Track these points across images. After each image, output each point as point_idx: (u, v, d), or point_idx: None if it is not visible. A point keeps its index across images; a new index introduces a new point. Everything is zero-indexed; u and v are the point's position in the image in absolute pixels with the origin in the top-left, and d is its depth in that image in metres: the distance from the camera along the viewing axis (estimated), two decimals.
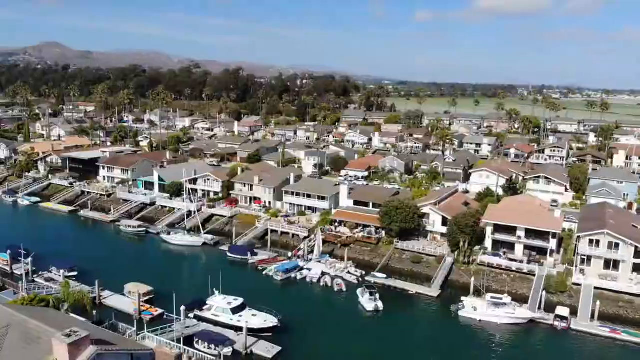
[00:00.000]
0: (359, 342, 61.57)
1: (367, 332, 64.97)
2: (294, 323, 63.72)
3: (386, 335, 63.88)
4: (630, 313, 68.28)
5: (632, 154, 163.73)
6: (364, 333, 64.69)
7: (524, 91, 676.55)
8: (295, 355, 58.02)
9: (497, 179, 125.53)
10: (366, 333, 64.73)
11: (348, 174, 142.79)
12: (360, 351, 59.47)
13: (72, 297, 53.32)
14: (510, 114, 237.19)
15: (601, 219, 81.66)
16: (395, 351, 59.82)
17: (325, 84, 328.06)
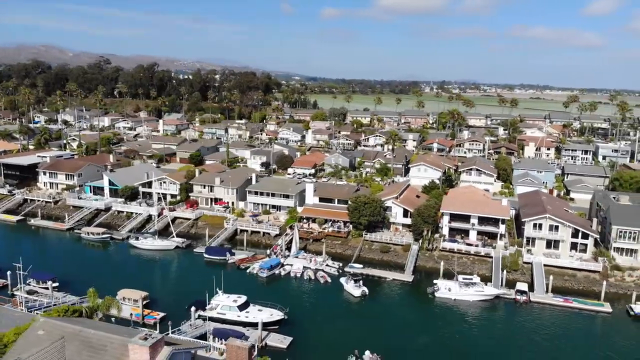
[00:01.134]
0: (357, 324, 67.87)
1: (361, 315, 71.41)
2: (295, 315, 68.19)
3: (377, 316, 70.91)
4: (575, 284, 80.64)
5: (541, 145, 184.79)
6: (358, 316, 71.11)
7: (426, 87, 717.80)
8: (307, 343, 62.72)
9: (434, 172, 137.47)
10: (361, 316, 71.17)
11: (295, 172, 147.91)
12: (361, 332, 65.54)
13: (103, 305, 53.69)
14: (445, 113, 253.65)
15: (541, 205, 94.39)
16: (390, 329, 66.60)
17: (247, 80, 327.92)
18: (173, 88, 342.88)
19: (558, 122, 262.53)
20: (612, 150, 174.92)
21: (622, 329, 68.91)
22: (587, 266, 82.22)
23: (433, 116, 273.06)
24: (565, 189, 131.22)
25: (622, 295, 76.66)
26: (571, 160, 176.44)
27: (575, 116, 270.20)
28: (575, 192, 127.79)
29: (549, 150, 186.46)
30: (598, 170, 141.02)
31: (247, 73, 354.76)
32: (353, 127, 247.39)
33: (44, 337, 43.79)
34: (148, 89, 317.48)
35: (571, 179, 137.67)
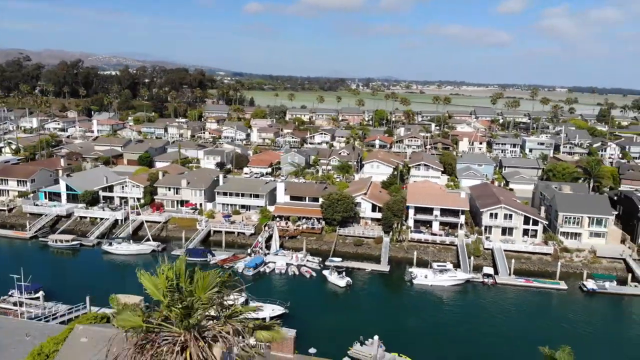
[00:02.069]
0: (351, 313, 73.17)
1: (351, 304, 76.81)
2: (291, 308, 71.83)
3: (366, 304, 76.99)
4: (531, 266, 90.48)
5: (475, 140, 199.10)
6: (349, 305, 76.40)
7: (352, 84, 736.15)
8: (310, 334, 66.50)
9: (386, 168, 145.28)
10: (351, 304, 76.55)
11: (252, 171, 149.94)
12: (356, 319, 70.58)
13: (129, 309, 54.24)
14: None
15: (494, 196, 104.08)
16: (381, 315, 72.20)
17: (179, 77, 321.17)
18: (100, 85, 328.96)
19: (483, 117, 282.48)
20: (537, 143, 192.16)
21: (577, 303, 79.06)
22: (540, 249, 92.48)
23: (368, 113, 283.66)
24: (504, 180, 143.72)
25: (573, 274, 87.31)
26: (501, 153, 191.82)
27: (498, 111, 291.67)
28: (513, 183, 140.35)
29: (481, 144, 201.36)
30: (532, 162, 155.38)
31: (179, 69, 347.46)
32: (295, 124, 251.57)
33: (89, 344, 44.87)
34: (73, 87, 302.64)
35: (508, 171, 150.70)
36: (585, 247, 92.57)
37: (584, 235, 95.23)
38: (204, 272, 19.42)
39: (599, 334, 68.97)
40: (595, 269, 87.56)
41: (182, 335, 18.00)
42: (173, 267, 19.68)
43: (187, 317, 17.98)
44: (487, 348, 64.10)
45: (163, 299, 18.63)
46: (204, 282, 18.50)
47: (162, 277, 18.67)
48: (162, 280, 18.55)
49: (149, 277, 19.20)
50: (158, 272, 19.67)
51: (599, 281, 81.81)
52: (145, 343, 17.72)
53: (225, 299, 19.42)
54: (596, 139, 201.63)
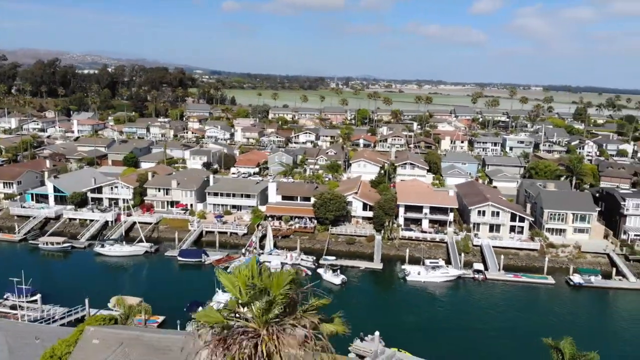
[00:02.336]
0: (348, 310, 72.98)
1: (348, 301, 77.49)
2: None
3: (362, 301, 78.44)
4: (519, 262, 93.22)
5: (457, 139, 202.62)
6: (346, 302, 76.80)
7: (332, 83, 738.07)
8: None
9: (373, 167, 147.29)
10: (348, 302, 77.15)
11: (239, 171, 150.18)
12: (353, 315, 70.62)
13: (134, 311, 54.42)
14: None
15: (481, 194, 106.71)
16: (377, 312, 73.81)
17: (159, 76, 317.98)
18: (77, 85, 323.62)
19: (463, 116, 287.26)
20: (517, 141, 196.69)
21: (565, 297, 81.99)
22: (527, 245, 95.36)
23: (351, 112, 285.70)
24: (488, 178, 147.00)
25: (559, 269, 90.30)
26: (483, 151, 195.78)
27: (477, 110, 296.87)
28: (496, 181, 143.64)
29: (463, 143, 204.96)
30: (514, 160, 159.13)
31: (159, 68, 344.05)
32: (278, 124, 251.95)
33: (101, 346, 45.50)
34: (51, 87, 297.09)
35: (491, 169, 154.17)
36: (570, 242, 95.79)
37: (569, 231, 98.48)
38: (278, 271, 20.42)
39: (587, 327, 71.69)
40: (580, 263, 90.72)
41: (259, 329, 18.97)
42: (249, 266, 20.55)
43: (267, 312, 18.98)
44: (481, 341, 66.21)
45: (240, 296, 19.52)
46: (279, 280, 19.50)
47: (241, 276, 19.58)
48: (240, 278, 19.45)
49: (226, 276, 20.14)
50: (234, 271, 20.54)
51: (584, 275, 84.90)
52: (224, 338, 18.58)
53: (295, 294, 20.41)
54: (574, 137, 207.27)
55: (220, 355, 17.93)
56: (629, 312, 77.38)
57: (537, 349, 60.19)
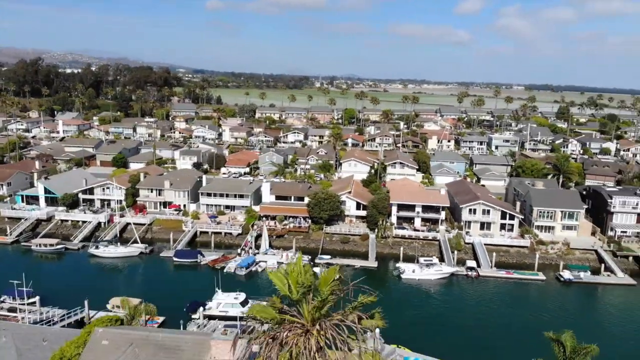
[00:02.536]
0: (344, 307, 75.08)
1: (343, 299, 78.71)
2: None
3: None
4: (510, 259, 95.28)
5: (444, 139, 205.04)
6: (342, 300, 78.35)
7: (317, 82, 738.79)
8: None
9: (364, 166, 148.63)
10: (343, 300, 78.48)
11: (230, 171, 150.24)
12: None
13: (139, 312, 54.59)
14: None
15: (472, 193, 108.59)
16: (373, 309, 74.75)
17: (144, 75, 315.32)
18: (61, 84, 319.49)
19: (448, 115, 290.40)
20: (503, 140, 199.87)
21: (556, 292, 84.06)
22: (517, 243, 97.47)
23: (337, 112, 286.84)
24: (476, 177, 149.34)
25: (549, 265, 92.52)
26: (469, 150, 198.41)
27: (462, 110, 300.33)
28: (484, 179, 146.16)
29: (450, 142, 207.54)
30: (501, 159, 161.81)
31: (144, 68, 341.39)
32: (266, 123, 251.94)
33: (111, 346, 45.95)
34: (34, 86, 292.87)
35: (479, 168, 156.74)
36: (559, 239, 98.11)
37: (557, 229, 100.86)
38: (326, 269, 21.26)
39: (578, 321, 73.55)
40: (569, 260, 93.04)
41: (307, 325, 19.78)
42: (297, 265, 21.33)
43: (320, 309, 19.82)
44: (477, 336, 67.74)
45: (290, 294, 20.33)
46: (327, 278, 20.33)
47: (292, 275, 20.37)
48: (292, 277, 20.25)
49: (277, 275, 20.91)
50: (289, 271, 21.28)
51: (574, 271, 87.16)
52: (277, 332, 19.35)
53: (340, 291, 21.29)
54: (558, 136, 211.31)
55: (275, 349, 18.69)
56: (617, 307, 79.65)
57: (531, 343, 62.15)
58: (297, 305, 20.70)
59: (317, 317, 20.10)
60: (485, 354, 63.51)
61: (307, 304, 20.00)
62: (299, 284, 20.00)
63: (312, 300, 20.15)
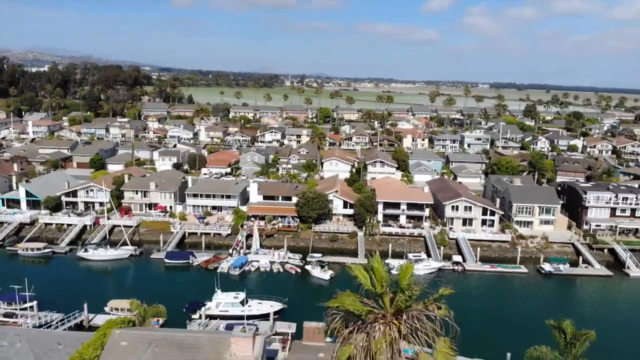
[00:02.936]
0: None
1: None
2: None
3: None
4: (492, 253, 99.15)
5: (418, 137, 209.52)
6: None
7: (287, 81, 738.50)
8: None
9: (345, 165, 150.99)
10: None
11: (211, 172, 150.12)
12: None
13: (150, 313, 54.99)
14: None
15: (454, 190, 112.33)
16: None
17: (113, 74, 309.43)
18: (27, 84, 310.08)
19: (419, 114, 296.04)
20: (475, 138, 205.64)
21: (538, 284, 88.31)
22: (499, 237, 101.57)
23: (312, 111, 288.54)
24: (453, 174, 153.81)
25: (529, 259, 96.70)
26: (442, 148, 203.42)
27: (433, 108, 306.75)
28: (461, 177, 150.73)
29: (424, 140, 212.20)
30: (476, 157, 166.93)
31: (113, 67, 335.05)
32: (240, 122, 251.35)
33: (130, 347, 46.79)
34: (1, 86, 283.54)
35: (455, 165, 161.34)
36: (537, 234, 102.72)
37: (535, 223, 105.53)
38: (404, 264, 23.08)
39: (562, 311, 77.29)
40: (548, 253, 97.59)
41: (389, 316, 21.53)
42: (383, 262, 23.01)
43: (406, 301, 21.61)
44: (468, 327, 70.33)
45: (373, 288, 22.03)
46: (406, 272, 22.16)
47: (379, 271, 22.06)
48: (378, 273, 21.95)
49: (360, 271, 22.57)
50: (373, 267, 22.95)
51: (554, 264, 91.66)
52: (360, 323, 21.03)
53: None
54: (527, 134, 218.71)
55: (362, 340, 20.39)
56: (597, 297, 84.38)
57: (523, 332, 65.87)
58: (377, 298, 22.50)
59: (399, 309, 21.94)
60: (481, 344, 66.54)
61: (387, 296, 21.81)
62: (383, 278, 21.76)
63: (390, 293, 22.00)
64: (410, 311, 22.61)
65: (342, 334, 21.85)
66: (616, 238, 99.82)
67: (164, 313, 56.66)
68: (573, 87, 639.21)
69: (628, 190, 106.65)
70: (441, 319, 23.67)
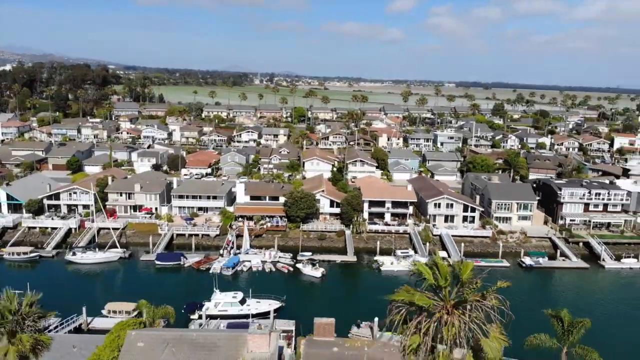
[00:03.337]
0: (334, 300, 79.38)
1: (332, 292, 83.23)
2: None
3: (344, 291, 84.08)
4: (474, 248, 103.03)
5: (394, 136, 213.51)
6: (330, 293, 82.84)
7: (256, 79, 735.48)
8: (309, 322, 71.99)
9: (326, 165, 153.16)
10: (332, 293, 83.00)
11: (191, 172, 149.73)
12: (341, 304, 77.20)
13: (159, 314, 55.46)
14: None
15: (435, 188, 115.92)
16: (363, 301, 79.14)
17: (81, 73, 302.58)
18: None
19: (392, 114, 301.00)
20: (448, 137, 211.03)
21: (520, 277, 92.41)
22: (480, 233, 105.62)
23: (286, 110, 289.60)
24: (430, 172, 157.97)
25: (510, 253, 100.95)
26: (417, 147, 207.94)
27: (404, 108, 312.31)
28: (437, 175, 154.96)
29: (399, 140, 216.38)
30: (452, 155, 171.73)
31: (80, 65, 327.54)
32: (215, 122, 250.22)
33: (147, 348, 47.81)
34: None
35: (432, 164, 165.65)
36: (516, 229, 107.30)
37: (514, 219, 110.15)
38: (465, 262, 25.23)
39: (543, 302, 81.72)
40: (527, 247, 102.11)
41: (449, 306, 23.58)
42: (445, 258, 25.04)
43: (469, 294, 23.70)
44: None
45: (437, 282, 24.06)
46: (466, 268, 24.29)
47: (442, 266, 24.11)
48: (442, 268, 24.00)
49: (424, 267, 24.57)
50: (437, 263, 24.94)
51: (533, 258, 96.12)
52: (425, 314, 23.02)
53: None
54: (497, 132, 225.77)
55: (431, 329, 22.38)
56: (573, 288, 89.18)
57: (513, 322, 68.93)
58: (438, 291, 24.60)
59: (460, 300, 24.12)
60: None
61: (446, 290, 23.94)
62: (447, 273, 23.85)
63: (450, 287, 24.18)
64: (471, 302, 24.82)
65: (411, 324, 23.87)
66: (590, 232, 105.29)
67: (173, 314, 57.40)
68: (537, 86, 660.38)
69: (600, 186, 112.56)
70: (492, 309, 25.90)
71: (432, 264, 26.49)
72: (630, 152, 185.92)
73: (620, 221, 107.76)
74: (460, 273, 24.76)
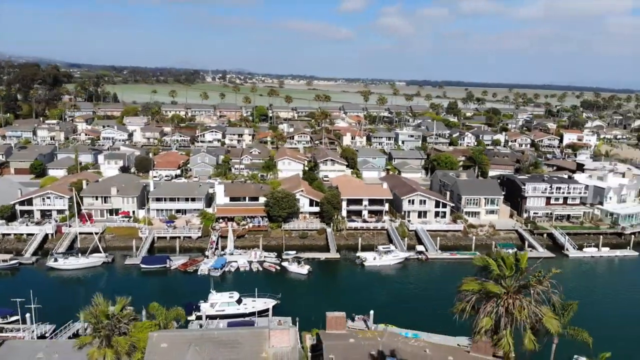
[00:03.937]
0: (326, 295, 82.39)
1: (320, 289, 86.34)
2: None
3: (332, 286, 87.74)
4: (448, 242, 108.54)
5: (357, 135, 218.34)
6: (319, 290, 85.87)
7: (208, 77, 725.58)
8: (303, 320, 74.66)
9: (297, 164, 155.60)
10: (321, 289, 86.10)
11: (160, 174, 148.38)
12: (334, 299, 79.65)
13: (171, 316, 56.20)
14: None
15: (408, 185, 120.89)
16: (351, 295, 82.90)
17: (31, 73, 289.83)
18: None
19: (351, 112, 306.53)
20: (408, 135, 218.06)
21: None
22: (453, 227, 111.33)
23: (246, 110, 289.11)
24: (397, 170, 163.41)
25: (481, 245, 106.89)
26: (379, 145, 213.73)
27: (362, 106, 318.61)
28: (404, 172, 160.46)
29: (362, 138, 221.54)
30: (416, 153, 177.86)
31: (30, 65, 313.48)
32: (174, 122, 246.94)
33: (171, 348, 49.58)
34: None
35: (397, 162, 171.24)
36: (485, 222, 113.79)
37: (482, 213, 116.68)
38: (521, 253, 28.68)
39: None
40: (496, 239, 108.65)
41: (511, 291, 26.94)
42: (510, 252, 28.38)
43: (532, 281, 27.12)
44: (442, 308, 78.43)
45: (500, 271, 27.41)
46: (523, 260, 27.74)
47: (509, 259, 27.40)
48: (508, 260, 27.33)
49: (489, 260, 27.84)
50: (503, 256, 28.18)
51: (504, 249, 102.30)
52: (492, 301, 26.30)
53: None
54: (453, 130, 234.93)
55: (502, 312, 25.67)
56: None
57: None
58: (500, 279, 28.07)
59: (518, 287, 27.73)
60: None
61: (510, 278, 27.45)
62: (512, 264, 27.26)
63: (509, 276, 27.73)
64: (532, 288, 28.54)
65: (484, 309, 27.25)
66: (552, 224, 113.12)
67: (184, 315, 58.59)
68: (485, 84, 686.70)
69: (559, 180, 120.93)
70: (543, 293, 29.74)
71: (498, 256, 29.99)
72: (580, 148, 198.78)
73: (580, 213, 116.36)
74: (519, 263, 28.41)
